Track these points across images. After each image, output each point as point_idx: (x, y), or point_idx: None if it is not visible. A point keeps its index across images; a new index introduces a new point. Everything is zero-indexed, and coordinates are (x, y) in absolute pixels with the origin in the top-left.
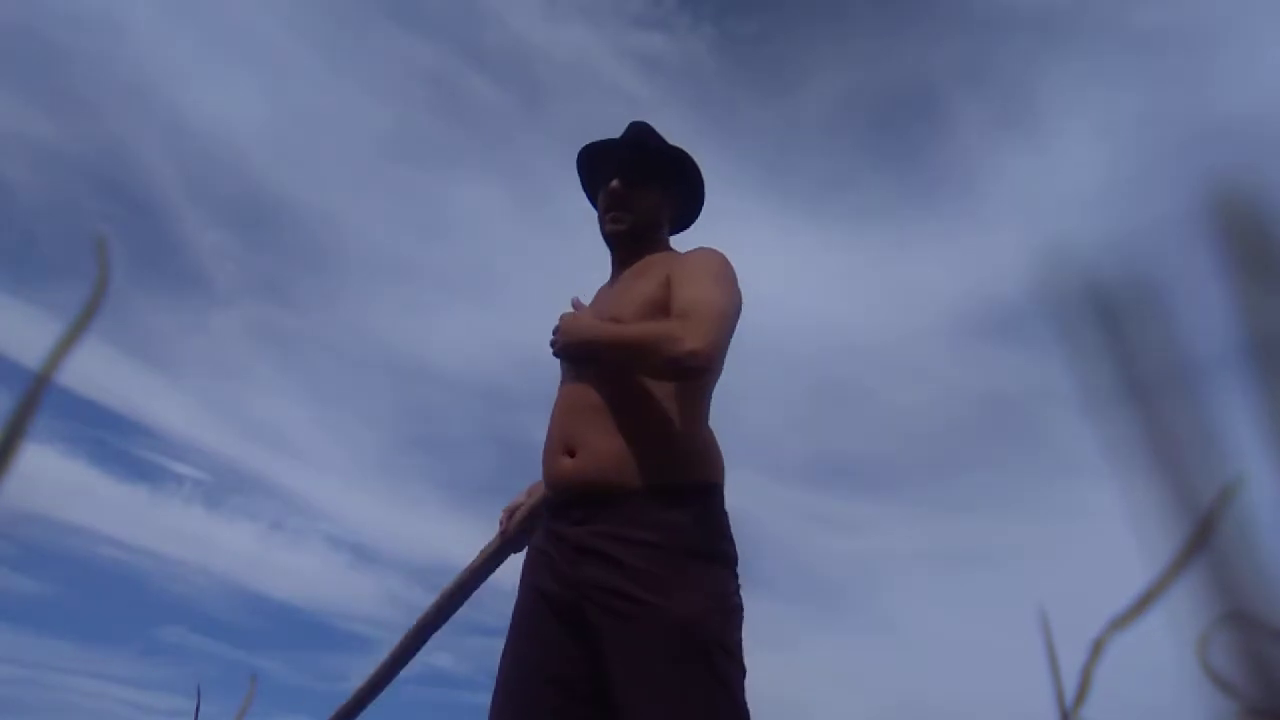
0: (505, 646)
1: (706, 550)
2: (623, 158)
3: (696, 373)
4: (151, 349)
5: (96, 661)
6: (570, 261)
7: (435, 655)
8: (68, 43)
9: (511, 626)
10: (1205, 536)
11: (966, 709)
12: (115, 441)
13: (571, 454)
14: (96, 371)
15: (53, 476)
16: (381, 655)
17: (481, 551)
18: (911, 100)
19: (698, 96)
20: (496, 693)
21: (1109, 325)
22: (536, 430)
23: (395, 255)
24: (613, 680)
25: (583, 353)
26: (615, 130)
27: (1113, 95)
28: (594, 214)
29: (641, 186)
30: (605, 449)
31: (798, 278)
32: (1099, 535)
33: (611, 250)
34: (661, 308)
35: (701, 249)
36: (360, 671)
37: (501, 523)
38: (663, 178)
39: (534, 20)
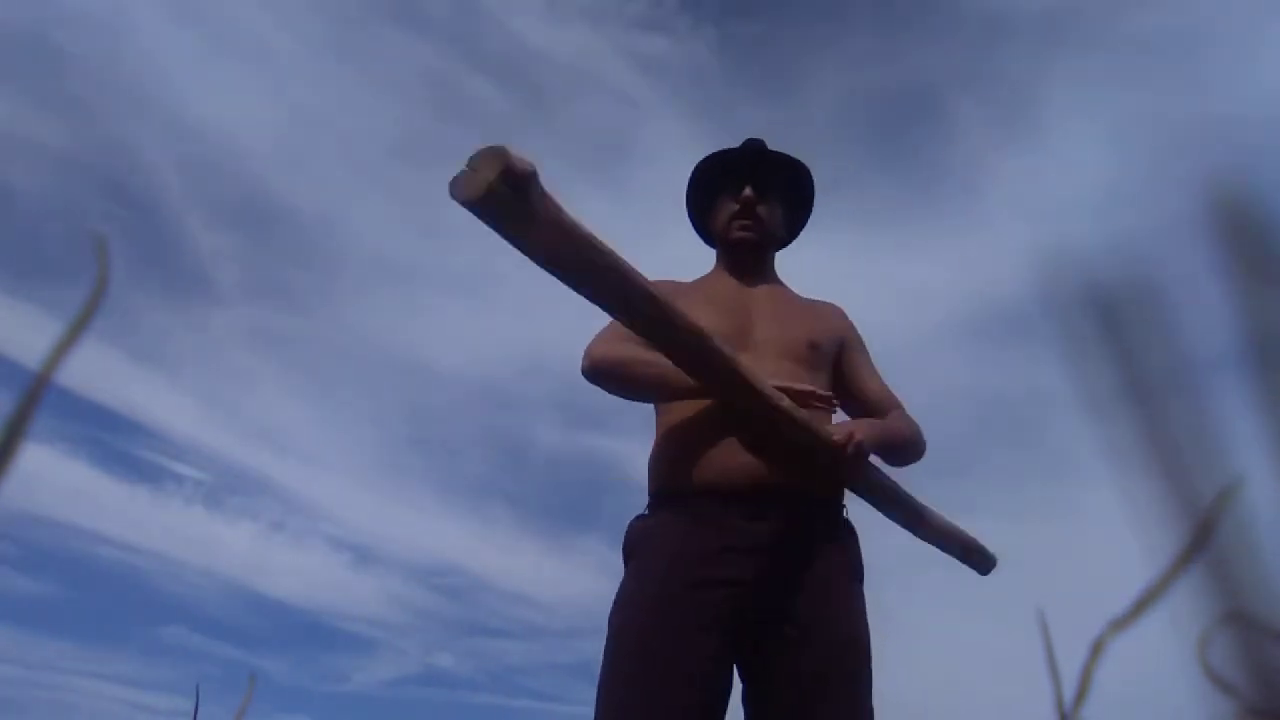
0: (633, 635)
1: (862, 570)
2: (756, 169)
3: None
4: (152, 349)
5: (96, 661)
6: None
7: (435, 655)
8: (70, 44)
9: (646, 614)
10: (1205, 537)
11: (966, 709)
12: (115, 442)
13: (756, 450)
14: (96, 371)
15: (53, 477)
16: (381, 655)
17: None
18: (913, 101)
19: (699, 98)
20: (625, 685)
21: (1110, 326)
22: (536, 430)
23: (395, 256)
24: (772, 681)
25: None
26: (614, 133)
27: (1114, 97)
28: (595, 217)
29: (771, 200)
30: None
31: (797, 278)
32: (1099, 536)
33: (729, 255)
34: (828, 357)
35: (844, 312)
36: (359, 669)
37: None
38: (785, 195)
39: (535, 22)
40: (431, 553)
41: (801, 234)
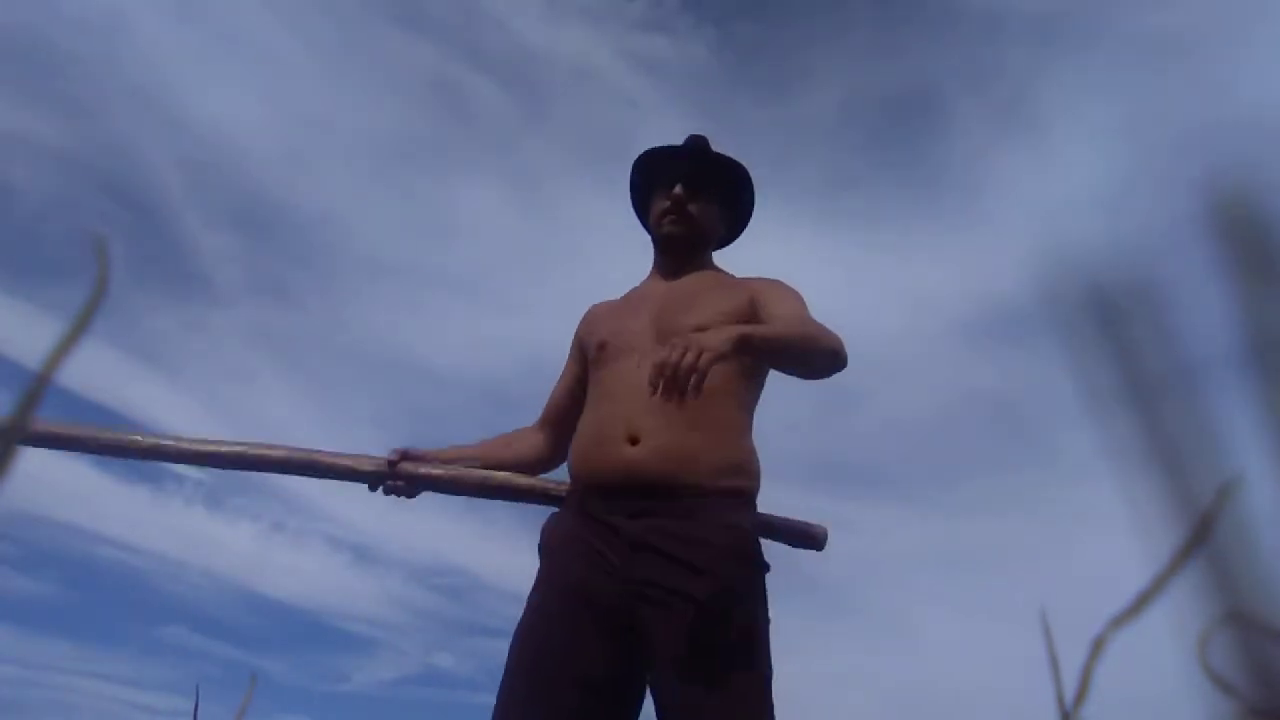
0: (523, 637)
1: (759, 560)
2: (689, 166)
3: (841, 369)
4: (152, 349)
5: (96, 661)
6: (571, 262)
7: (435, 655)
8: (72, 45)
9: (534, 618)
10: (1205, 536)
11: (967, 708)
12: None
13: (634, 442)
14: (96, 372)
15: (53, 477)
16: (381, 655)
17: (340, 458)
18: (914, 101)
19: (699, 99)
20: (510, 687)
21: (1110, 326)
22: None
23: (395, 256)
24: (661, 680)
25: (744, 350)
26: (615, 133)
27: (1114, 96)
28: (596, 218)
29: (703, 197)
30: (675, 443)
31: (798, 278)
32: (1099, 535)
33: (661, 252)
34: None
35: (775, 279)
36: (359, 669)
37: (396, 462)
38: (722, 193)
39: (535, 22)
40: (431, 553)
41: (744, 235)
